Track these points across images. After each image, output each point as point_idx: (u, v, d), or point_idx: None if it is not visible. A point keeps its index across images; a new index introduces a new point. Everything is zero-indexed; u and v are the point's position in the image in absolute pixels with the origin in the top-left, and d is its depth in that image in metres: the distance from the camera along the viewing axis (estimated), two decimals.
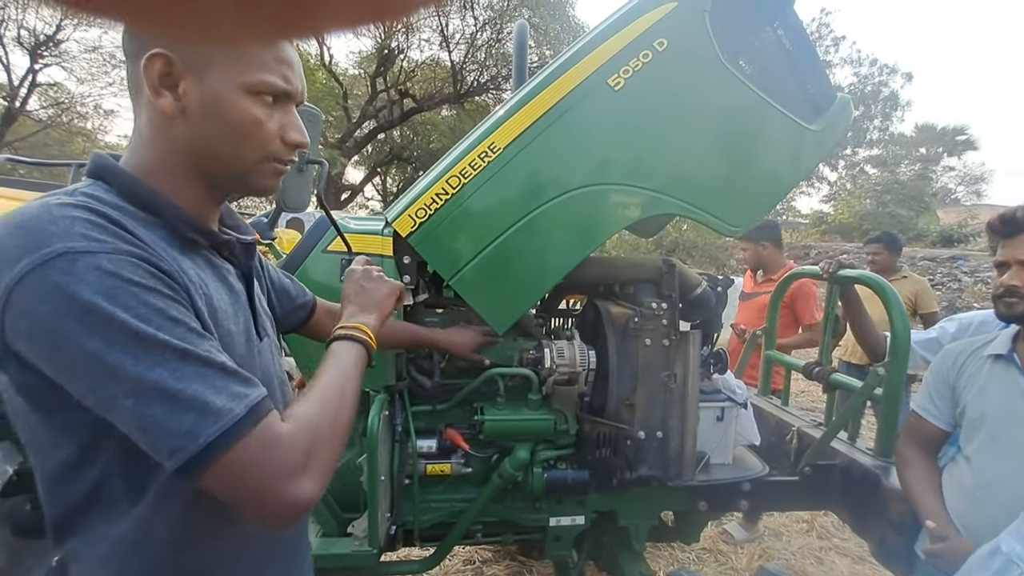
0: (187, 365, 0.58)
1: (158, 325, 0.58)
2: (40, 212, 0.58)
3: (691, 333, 1.60)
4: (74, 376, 0.57)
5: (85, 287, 0.55)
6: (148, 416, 0.56)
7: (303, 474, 0.63)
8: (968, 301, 11.15)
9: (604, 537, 1.86)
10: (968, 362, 1.42)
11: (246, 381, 0.63)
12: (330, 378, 0.75)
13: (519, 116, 1.46)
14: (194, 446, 0.56)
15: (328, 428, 0.68)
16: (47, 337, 0.56)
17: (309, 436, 0.65)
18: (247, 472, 0.59)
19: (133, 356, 0.56)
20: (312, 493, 0.63)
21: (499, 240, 1.49)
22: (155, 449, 0.57)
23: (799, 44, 1.60)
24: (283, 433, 0.63)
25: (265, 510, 0.62)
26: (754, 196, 1.58)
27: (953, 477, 1.39)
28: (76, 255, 0.56)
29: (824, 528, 3.13)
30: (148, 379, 0.56)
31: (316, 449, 0.65)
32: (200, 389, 0.58)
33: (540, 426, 1.61)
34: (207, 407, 0.57)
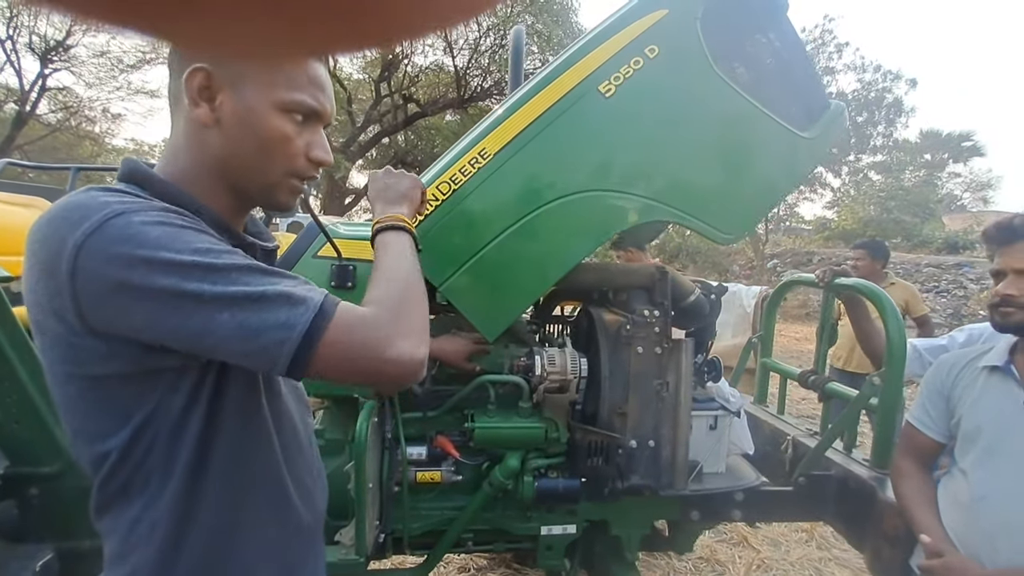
0: (255, 276, 0.63)
1: (216, 254, 0.63)
2: (91, 191, 0.64)
3: (684, 341, 1.59)
4: (159, 318, 0.60)
5: (147, 232, 0.60)
6: (246, 323, 0.60)
7: (396, 337, 0.67)
8: (974, 308, 11.08)
9: (596, 546, 1.84)
10: (963, 373, 1.40)
11: (307, 282, 0.68)
12: (389, 261, 0.82)
13: (510, 122, 1.46)
14: (296, 333, 0.61)
15: (404, 297, 0.73)
16: (122, 288, 0.59)
17: (389, 306, 0.70)
18: (350, 346, 0.64)
19: (210, 280, 0.60)
20: (414, 351, 0.68)
21: (489, 246, 1.49)
22: (258, 357, 0.62)
23: (792, 51, 1.59)
24: (364, 311, 0.68)
25: (379, 375, 0.67)
26: (747, 203, 1.57)
27: (948, 491, 1.37)
28: (131, 212, 0.61)
29: (824, 539, 3.09)
30: (229, 292, 0.61)
31: (400, 315, 0.70)
32: (277, 288, 0.63)
33: (531, 434, 1.59)
34: (292, 298, 0.63)
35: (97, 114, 16.91)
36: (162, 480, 0.68)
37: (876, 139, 19.79)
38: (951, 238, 16.32)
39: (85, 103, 16.09)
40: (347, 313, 0.66)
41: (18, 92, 13.81)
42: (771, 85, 1.60)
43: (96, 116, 17.03)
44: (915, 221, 18.24)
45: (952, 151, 27.59)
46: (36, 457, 1.36)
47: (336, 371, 0.66)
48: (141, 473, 0.67)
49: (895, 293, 3.25)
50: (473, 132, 1.54)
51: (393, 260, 0.81)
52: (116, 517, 0.70)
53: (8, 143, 12.88)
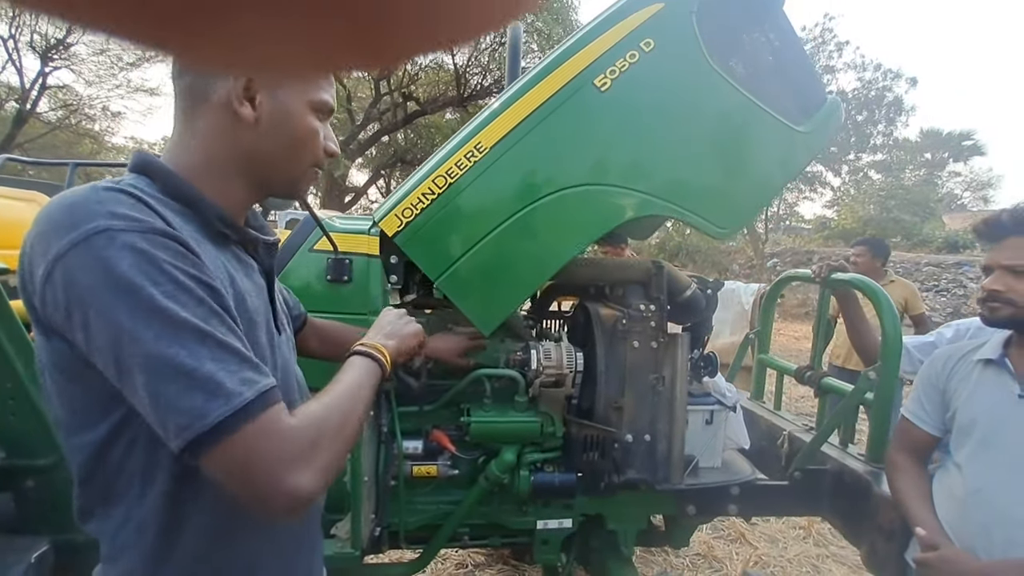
0: (204, 346, 0.60)
1: (182, 303, 0.61)
2: (88, 193, 0.64)
3: (679, 336, 1.59)
4: (100, 345, 0.60)
5: (119, 261, 0.59)
6: (160, 392, 0.59)
7: (304, 467, 0.64)
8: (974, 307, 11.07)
9: (592, 541, 1.84)
10: (958, 366, 1.40)
11: (257, 368, 0.65)
12: (343, 386, 0.78)
13: (505, 116, 1.46)
14: (200, 424, 0.58)
15: (334, 430, 0.70)
16: (83, 306, 0.59)
17: (314, 432, 0.67)
18: (250, 457, 0.61)
19: (154, 330, 0.59)
20: (311, 487, 0.64)
21: (485, 240, 1.49)
22: (163, 426, 0.59)
23: (788, 46, 1.59)
24: (289, 424, 0.65)
25: (264, 499, 0.63)
26: (742, 198, 1.57)
27: (943, 484, 1.37)
28: (115, 232, 0.60)
29: (821, 535, 3.10)
30: (165, 354, 0.59)
31: (319, 446, 0.66)
32: (213, 370, 0.60)
33: (526, 428, 1.59)
34: (219, 388, 0.59)
35: (97, 112, 16.91)
36: (147, 479, 0.67)
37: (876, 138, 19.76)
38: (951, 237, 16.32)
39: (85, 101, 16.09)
40: (268, 423, 0.62)
41: (19, 90, 13.82)
42: (767, 80, 1.60)
43: (96, 114, 17.03)
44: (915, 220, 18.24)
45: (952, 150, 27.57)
46: (32, 449, 1.36)
47: (223, 475, 0.61)
48: (124, 473, 0.67)
49: (894, 291, 3.26)
50: (469, 126, 1.54)
51: (348, 386, 0.78)
52: (102, 519, 0.69)
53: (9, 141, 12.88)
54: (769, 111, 1.49)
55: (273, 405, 0.64)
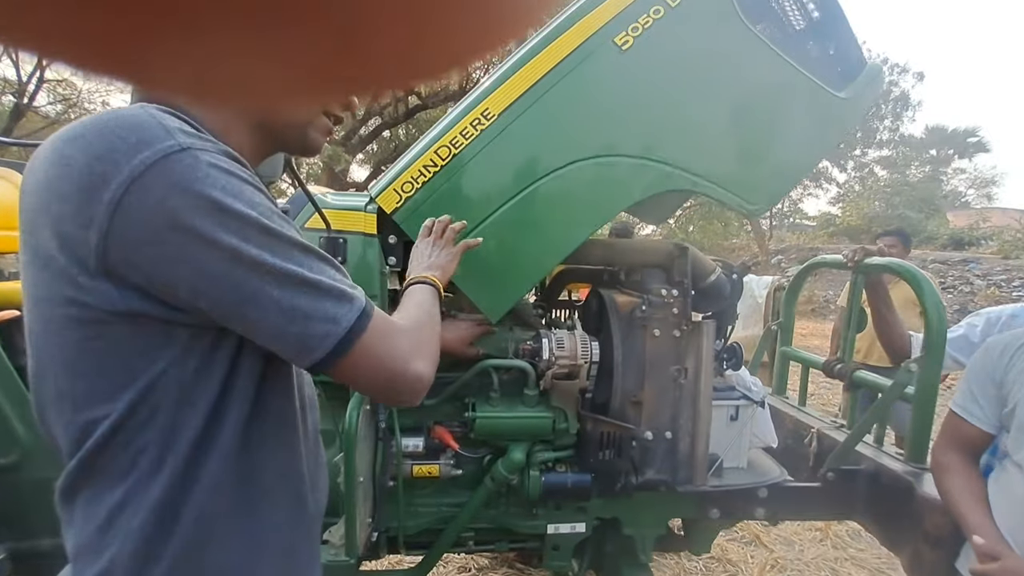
0: (312, 260, 0.62)
1: (279, 223, 0.60)
2: (143, 114, 0.56)
3: (704, 323, 1.45)
4: (208, 274, 0.55)
5: (211, 184, 0.55)
6: (295, 306, 0.58)
7: (420, 357, 0.68)
8: (980, 305, 10.97)
9: (607, 546, 1.71)
10: (1017, 357, 1.27)
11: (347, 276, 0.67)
12: (413, 301, 0.85)
13: (516, 79, 1.32)
14: (340, 329, 0.60)
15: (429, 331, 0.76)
16: (179, 233, 0.54)
17: (417, 331, 0.73)
18: (382, 352, 0.64)
19: (271, 250, 0.57)
20: (428, 373, 0.69)
21: (492, 218, 1.35)
22: (304, 338, 0.59)
23: (826, 5, 1.45)
24: (396, 322, 0.70)
25: (396, 385, 0.66)
26: (776, 171, 1.43)
27: (1001, 486, 1.24)
28: (197, 151, 0.55)
29: (839, 537, 2.98)
30: (290, 270, 0.58)
31: (423, 339, 0.72)
32: (333, 280, 0.62)
33: (537, 425, 1.46)
34: (342, 294, 0.62)
35: (96, 107, 16.79)
36: (157, 458, 0.60)
37: (882, 133, 19.61)
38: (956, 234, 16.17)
39: (84, 95, 15.97)
40: (383, 321, 0.66)
41: (16, 84, 13.69)
42: (804, 42, 1.46)
43: (95, 109, 16.92)
44: (920, 217, 18.08)
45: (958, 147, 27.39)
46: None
47: (358, 374, 0.64)
48: (130, 450, 0.60)
49: None
50: (475, 92, 1.40)
51: (418, 301, 0.85)
52: (92, 502, 0.61)
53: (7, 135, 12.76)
54: (808, 75, 1.35)
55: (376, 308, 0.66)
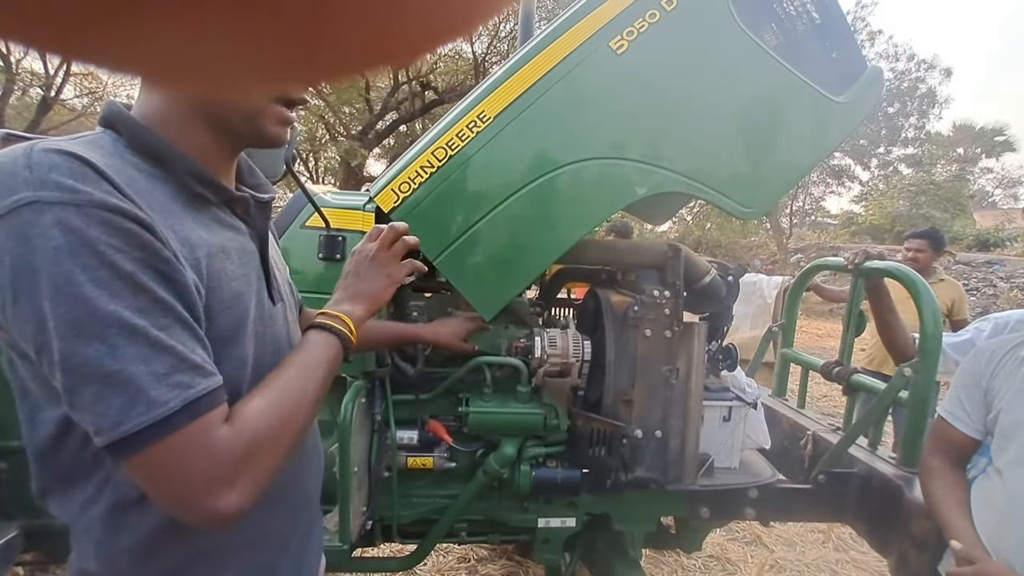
0: (131, 344, 0.54)
1: (115, 292, 0.54)
2: (20, 156, 0.55)
3: (696, 325, 1.47)
4: (23, 332, 0.54)
5: (46, 241, 0.52)
6: (76, 392, 0.53)
7: (229, 486, 0.58)
8: (1003, 307, 10.70)
9: (597, 542, 1.74)
10: (1003, 363, 1.26)
11: (196, 369, 0.57)
12: (293, 374, 0.69)
13: (511, 82, 1.35)
14: (116, 433, 0.53)
15: (273, 436, 0.63)
16: (4, 289, 0.53)
17: (248, 444, 0.60)
18: (170, 472, 0.56)
19: (75, 324, 0.52)
20: (236, 507, 0.58)
21: (487, 217, 1.38)
22: (82, 423, 0.55)
23: (825, 8, 1.44)
24: (220, 437, 0.58)
25: (184, 514, 0.58)
26: (772, 175, 1.43)
27: (983, 492, 1.24)
28: (44, 206, 0.52)
29: (841, 539, 2.96)
30: (83, 352, 0.52)
31: (252, 459, 0.60)
32: (137, 373, 0.53)
33: (529, 420, 1.49)
34: (139, 394, 0.53)
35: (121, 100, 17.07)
36: (104, 469, 0.62)
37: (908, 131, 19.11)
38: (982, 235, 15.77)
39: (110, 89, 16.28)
40: (196, 435, 0.56)
41: (43, 77, 14.01)
42: (801, 46, 1.46)
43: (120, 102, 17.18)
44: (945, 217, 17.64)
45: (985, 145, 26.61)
46: (4, 430, 1.30)
47: (145, 484, 0.57)
48: (90, 448, 0.60)
49: (943, 291, 2.99)
50: (472, 94, 1.43)
51: (300, 374, 0.69)
52: (65, 499, 0.64)
53: (33, 128, 13.07)
54: (804, 79, 1.35)
55: (205, 414, 0.57)
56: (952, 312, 3.03)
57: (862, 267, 1.71)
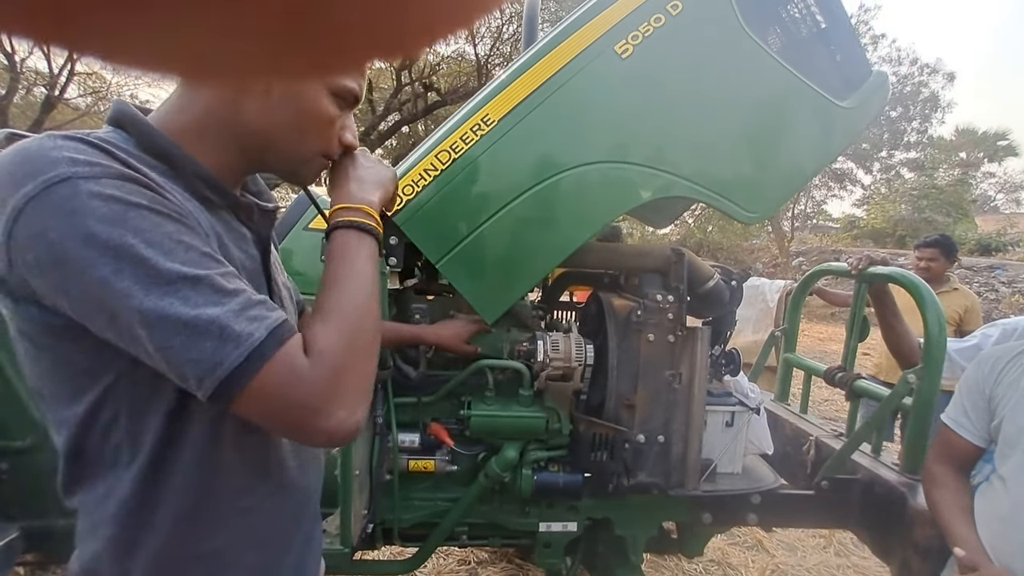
0: (199, 292, 0.55)
1: (167, 249, 0.55)
2: (44, 141, 0.56)
3: (699, 329, 1.46)
4: (89, 309, 0.54)
5: (89, 213, 0.52)
6: (167, 347, 0.54)
7: (335, 404, 0.59)
8: (1005, 312, 10.67)
9: (599, 546, 1.73)
10: (1007, 370, 1.26)
11: (263, 303, 0.59)
12: (345, 289, 0.67)
13: (516, 86, 1.34)
14: (220, 372, 0.54)
15: (352, 350, 0.63)
16: (57, 267, 0.53)
17: (331, 369, 0.60)
18: (275, 402, 0.57)
19: (143, 284, 0.53)
20: (347, 420, 0.60)
21: (491, 221, 1.38)
22: (183, 380, 0.56)
23: (831, 12, 1.44)
24: (304, 368, 0.59)
25: (309, 439, 0.61)
26: (775, 180, 1.43)
27: (987, 500, 1.24)
28: (79, 180, 0.53)
29: (843, 545, 2.95)
30: (158, 307, 0.53)
31: (341, 380, 0.61)
32: (216, 314, 0.55)
33: (531, 424, 1.49)
34: (225, 332, 0.55)
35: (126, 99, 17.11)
36: (130, 454, 0.62)
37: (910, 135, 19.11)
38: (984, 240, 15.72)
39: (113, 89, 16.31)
40: (285, 363, 0.57)
41: (47, 76, 14.05)
42: (807, 50, 1.45)
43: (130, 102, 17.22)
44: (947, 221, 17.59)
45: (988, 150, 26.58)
46: (7, 430, 1.30)
47: (259, 420, 0.59)
48: (108, 445, 0.61)
49: (955, 300, 2.93)
50: (476, 98, 1.43)
51: (352, 280, 0.68)
52: (86, 492, 0.64)
53: (37, 126, 13.10)
54: (809, 84, 1.34)
55: (287, 340, 0.58)
56: (963, 322, 2.95)
57: (866, 272, 1.70)
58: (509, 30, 13.97)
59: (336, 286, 0.67)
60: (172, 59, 0.15)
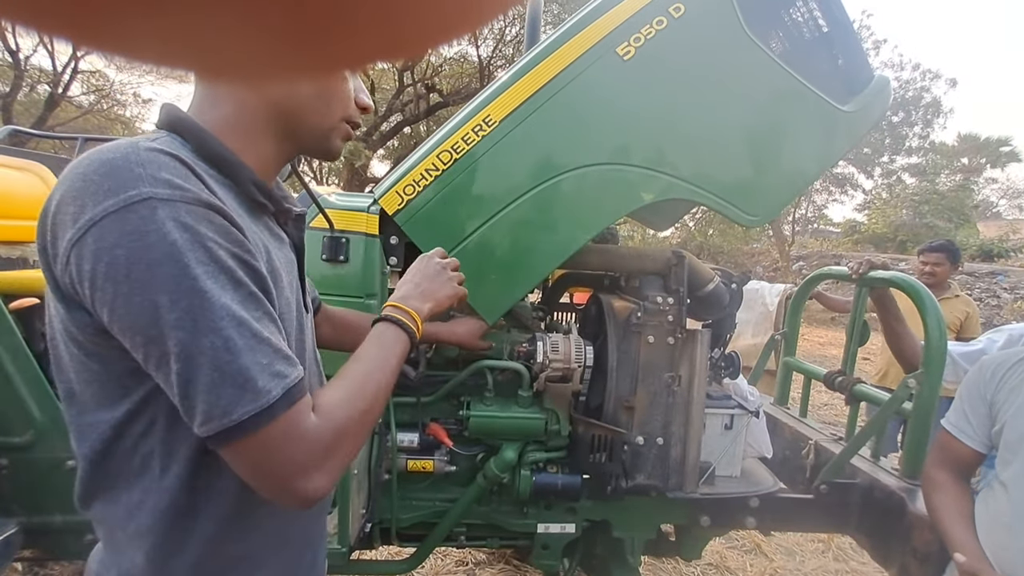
0: (240, 336, 0.57)
1: (223, 285, 0.57)
2: (129, 152, 0.57)
3: (699, 332, 1.46)
4: (132, 325, 0.55)
5: (163, 236, 0.54)
6: (192, 381, 0.55)
7: (319, 470, 0.61)
8: (1007, 319, 10.65)
9: (597, 548, 1.73)
10: (1008, 375, 1.25)
11: (287, 360, 0.61)
12: (370, 368, 0.73)
13: (518, 87, 1.35)
14: (227, 420, 0.56)
15: (355, 426, 0.66)
16: (115, 281, 0.54)
17: (334, 434, 0.63)
18: (268, 457, 0.59)
19: (192, 315, 0.55)
20: (324, 489, 0.62)
21: (491, 221, 1.38)
22: (188, 411, 0.57)
23: (833, 17, 1.44)
24: (309, 427, 0.61)
25: (276, 497, 0.62)
26: (777, 183, 1.43)
27: (988, 506, 1.23)
28: (159, 202, 0.55)
29: (841, 549, 2.95)
30: (201, 344, 0.55)
31: (338, 447, 0.64)
32: (247, 364, 0.56)
33: (529, 425, 1.49)
34: (248, 384, 0.56)
35: (128, 98, 17.14)
36: (166, 461, 0.63)
37: (912, 140, 19.09)
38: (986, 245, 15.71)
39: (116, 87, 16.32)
40: (289, 424, 0.59)
41: (51, 74, 14.07)
42: (809, 54, 1.45)
43: (127, 100, 17.27)
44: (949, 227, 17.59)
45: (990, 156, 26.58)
46: (6, 426, 1.30)
47: (242, 468, 0.60)
48: (139, 454, 0.63)
49: (957, 306, 2.93)
50: (478, 98, 1.43)
51: (376, 368, 0.73)
52: (108, 503, 0.65)
53: (40, 124, 13.13)
54: (811, 87, 1.34)
55: (298, 401, 0.60)
56: (962, 329, 2.95)
57: (866, 277, 1.70)
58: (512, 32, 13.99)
59: (363, 363, 0.72)
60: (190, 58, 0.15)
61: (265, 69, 0.16)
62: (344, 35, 0.14)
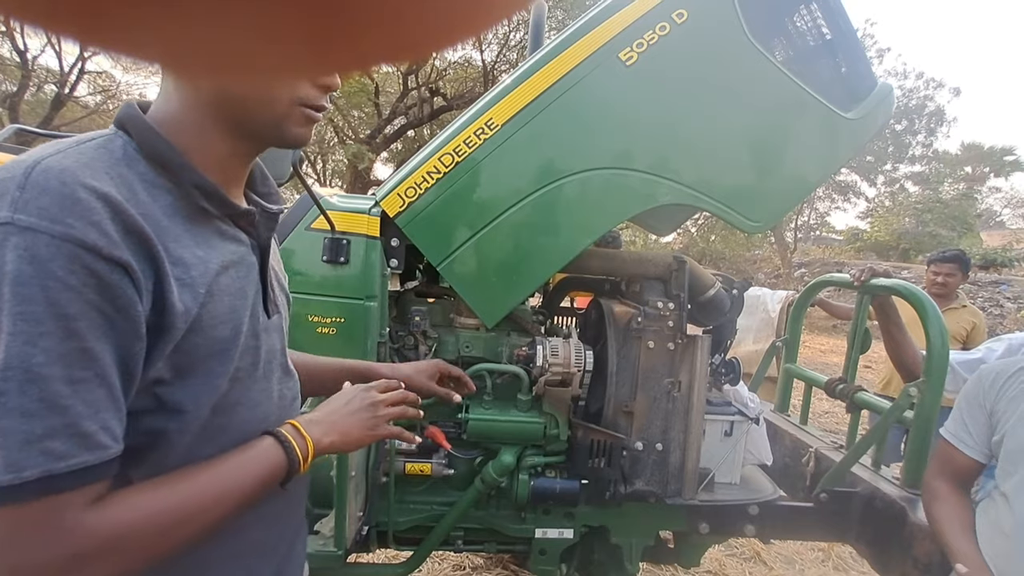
0: (22, 395, 0.49)
1: (41, 332, 0.50)
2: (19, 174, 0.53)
3: (699, 338, 1.46)
4: None
5: (5, 263, 0.50)
6: None
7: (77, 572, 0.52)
8: (1010, 328, 10.62)
9: (595, 554, 1.72)
10: (1008, 385, 1.25)
11: (81, 439, 0.52)
12: (215, 480, 0.63)
13: (520, 91, 1.35)
14: None
15: (144, 538, 0.57)
16: None
17: (105, 540, 0.54)
18: (6, 541, 0.50)
19: None
20: None
21: (492, 225, 1.38)
22: None
23: (836, 24, 1.44)
24: (75, 521, 0.52)
25: None
26: (779, 190, 1.43)
27: (989, 516, 1.22)
28: (19, 230, 0.50)
29: (841, 559, 2.92)
30: None
31: (105, 557, 0.54)
32: (10, 428, 0.49)
33: (528, 429, 1.48)
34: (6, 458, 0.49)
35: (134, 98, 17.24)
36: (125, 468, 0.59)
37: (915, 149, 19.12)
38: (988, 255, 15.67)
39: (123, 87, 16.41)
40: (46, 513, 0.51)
41: (57, 74, 14.16)
42: (812, 61, 1.45)
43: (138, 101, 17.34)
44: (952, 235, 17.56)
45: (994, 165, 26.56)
46: None
47: None
48: None
49: (964, 317, 2.91)
50: (480, 102, 1.43)
51: (222, 481, 0.64)
52: None
53: (46, 124, 13.19)
54: (814, 94, 1.34)
55: (66, 491, 0.51)
56: (969, 339, 2.92)
57: (868, 284, 1.70)
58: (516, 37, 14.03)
59: (210, 473, 0.63)
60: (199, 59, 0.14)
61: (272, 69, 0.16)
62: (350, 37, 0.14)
